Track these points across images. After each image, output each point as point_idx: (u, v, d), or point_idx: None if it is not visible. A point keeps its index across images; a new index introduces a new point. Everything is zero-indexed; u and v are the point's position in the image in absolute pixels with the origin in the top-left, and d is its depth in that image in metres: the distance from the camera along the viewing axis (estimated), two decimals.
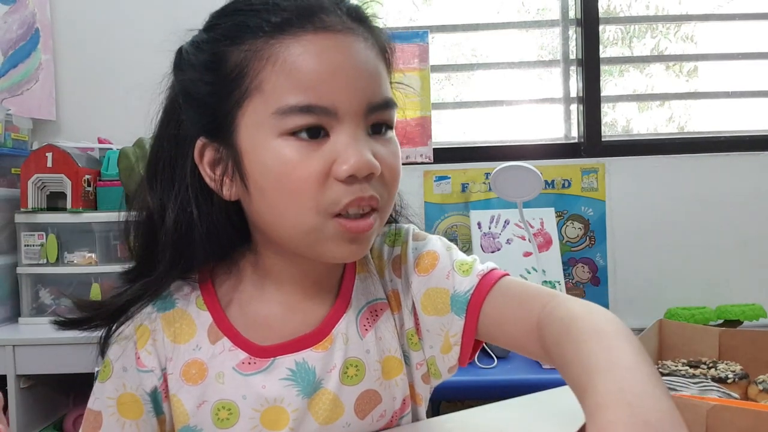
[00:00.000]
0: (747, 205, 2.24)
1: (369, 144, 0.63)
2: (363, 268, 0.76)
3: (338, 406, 0.70)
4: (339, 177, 0.60)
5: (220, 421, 0.68)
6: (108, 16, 2.21)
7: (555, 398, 0.81)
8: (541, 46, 2.50)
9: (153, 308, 0.71)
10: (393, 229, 0.78)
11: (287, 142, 0.61)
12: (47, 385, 1.77)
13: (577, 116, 2.36)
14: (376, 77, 0.64)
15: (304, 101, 0.60)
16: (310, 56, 0.60)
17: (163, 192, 0.68)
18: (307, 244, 0.64)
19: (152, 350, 0.69)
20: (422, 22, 2.42)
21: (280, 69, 0.60)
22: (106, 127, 2.12)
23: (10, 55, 2.06)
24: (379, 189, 0.64)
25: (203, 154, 0.66)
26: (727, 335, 0.88)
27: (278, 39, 0.61)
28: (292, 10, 0.62)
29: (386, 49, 0.68)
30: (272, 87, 0.61)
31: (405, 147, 2.26)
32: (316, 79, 0.60)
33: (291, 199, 0.61)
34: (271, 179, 0.62)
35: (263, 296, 0.72)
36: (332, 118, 0.61)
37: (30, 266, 1.82)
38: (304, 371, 0.69)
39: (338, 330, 0.71)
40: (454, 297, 0.72)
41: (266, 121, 0.61)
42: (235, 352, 0.69)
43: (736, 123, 2.40)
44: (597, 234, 2.24)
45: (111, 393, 0.69)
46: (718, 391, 0.73)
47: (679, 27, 2.51)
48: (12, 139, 1.95)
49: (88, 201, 1.82)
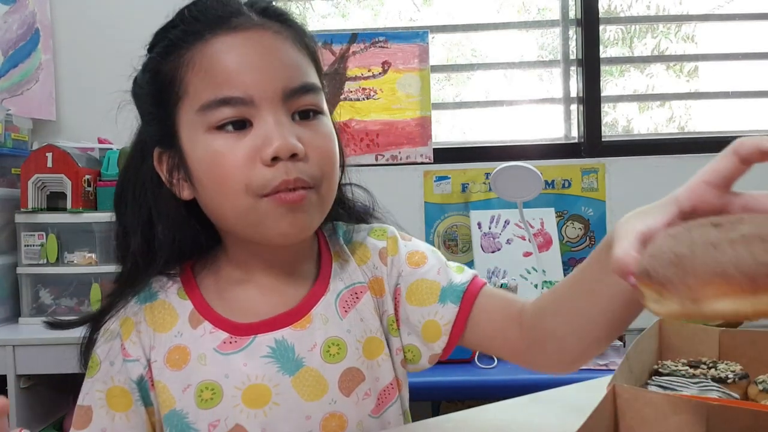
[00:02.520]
0: None
1: (293, 128, 0.67)
2: (339, 257, 0.80)
3: (321, 383, 0.73)
4: (264, 160, 0.65)
5: (204, 401, 0.71)
6: (108, 16, 2.22)
7: (555, 398, 0.81)
8: (542, 46, 2.50)
9: (136, 302, 0.75)
10: (377, 227, 0.84)
11: (215, 135, 0.67)
12: (47, 385, 1.77)
13: (578, 116, 2.36)
14: (290, 65, 0.69)
15: (220, 95, 0.66)
16: (221, 54, 0.67)
17: (133, 200, 0.75)
18: (250, 226, 0.69)
19: (137, 340, 0.73)
20: (422, 22, 2.42)
21: (198, 70, 0.67)
22: (106, 127, 2.10)
23: (10, 55, 2.06)
24: (309, 170, 0.68)
25: (161, 161, 0.73)
26: (727, 335, 0.87)
27: (196, 46, 0.68)
28: (205, 20, 0.69)
29: (305, 40, 0.73)
30: (194, 88, 0.68)
31: (405, 147, 2.26)
32: (228, 74, 0.66)
33: (224, 186, 0.67)
34: (206, 171, 0.68)
35: (240, 283, 0.76)
36: (251, 108, 0.66)
37: (30, 266, 1.82)
38: (283, 348, 0.72)
39: (317, 311, 0.75)
40: (448, 288, 0.78)
41: (194, 119, 0.68)
42: (216, 334, 0.72)
43: (736, 123, 2.40)
44: (597, 234, 2.24)
45: (100, 387, 0.72)
46: (718, 391, 0.73)
47: (679, 27, 2.51)
48: (12, 139, 1.95)
49: (88, 201, 1.82)
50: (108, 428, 0.71)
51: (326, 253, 0.80)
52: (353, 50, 2.27)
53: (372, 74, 2.27)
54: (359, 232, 0.83)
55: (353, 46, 2.27)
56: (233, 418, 0.70)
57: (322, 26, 2.43)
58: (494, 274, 2.06)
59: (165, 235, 0.73)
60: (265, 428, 0.71)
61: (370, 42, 2.27)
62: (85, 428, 0.72)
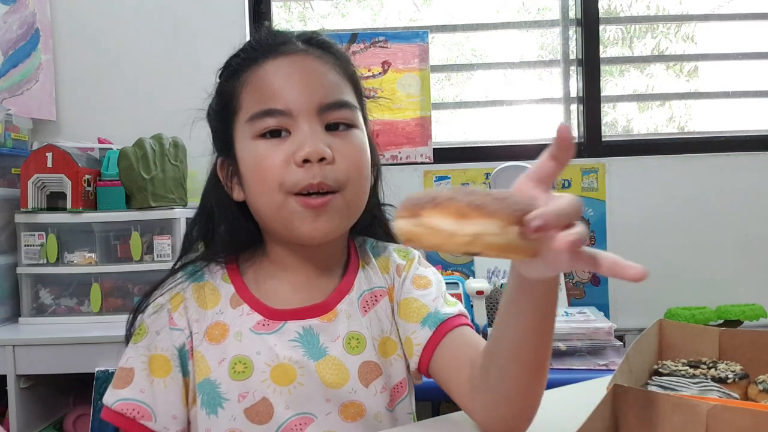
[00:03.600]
0: (747, 205, 2.24)
1: (325, 137, 0.78)
2: (365, 264, 0.90)
3: (343, 372, 0.81)
4: (296, 161, 0.76)
5: (236, 373, 0.79)
6: (108, 16, 2.21)
7: (555, 399, 0.81)
8: (542, 46, 2.50)
9: (187, 281, 0.86)
10: (403, 248, 0.94)
11: (259, 142, 0.79)
12: (47, 385, 1.77)
13: (578, 116, 2.36)
14: (326, 84, 0.80)
15: (264, 107, 0.78)
16: (268, 75, 0.80)
17: (204, 203, 0.90)
18: (281, 222, 0.79)
19: (183, 313, 0.83)
20: (422, 22, 2.42)
21: (250, 89, 0.81)
22: (106, 127, 2.12)
23: (10, 55, 2.06)
24: (335, 174, 0.78)
25: (223, 168, 0.86)
26: (727, 335, 0.87)
27: (251, 69, 0.82)
28: (259, 48, 0.83)
29: (344, 63, 0.85)
30: (246, 103, 0.81)
31: (405, 147, 2.26)
32: (272, 90, 0.79)
33: (262, 182, 0.78)
34: (251, 171, 0.80)
35: (275, 277, 0.86)
36: (289, 119, 0.78)
37: (30, 266, 1.81)
38: (309, 336, 0.82)
39: (341, 307, 0.84)
40: (433, 315, 0.84)
41: (244, 129, 0.80)
42: (252, 315, 0.82)
43: (736, 123, 2.40)
44: (597, 234, 2.24)
45: (144, 352, 0.81)
46: (718, 392, 0.73)
47: (679, 27, 2.52)
48: (12, 139, 1.94)
49: (88, 201, 1.81)
50: (146, 390, 0.79)
51: (354, 259, 0.90)
52: (353, 50, 2.27)
53: (372, 74, 2.27)
54: (386, 248, 0.93)
55: (353, 46, 2.27)
56: (261, 392, 0.79)
57: (322, 26, 2.43)
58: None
59: (221, 230, 0.87)
60: (288, 405, 0.79)
61: (370, 42, 2.27)
62: (125, 388, 0.79)
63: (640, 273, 0.49)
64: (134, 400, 0.78)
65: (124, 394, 0.79)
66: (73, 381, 1.76)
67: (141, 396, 0.78)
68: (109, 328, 1.67)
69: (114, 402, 0.78)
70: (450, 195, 0.49)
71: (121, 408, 0.78)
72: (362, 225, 0.90)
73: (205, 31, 2.16)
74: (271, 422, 0.78)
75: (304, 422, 0.79)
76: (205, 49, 2.14)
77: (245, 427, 0.78)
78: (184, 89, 0.92)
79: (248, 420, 0.78)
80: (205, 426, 0.79)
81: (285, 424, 0.78)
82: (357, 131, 0.82)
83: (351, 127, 0.81)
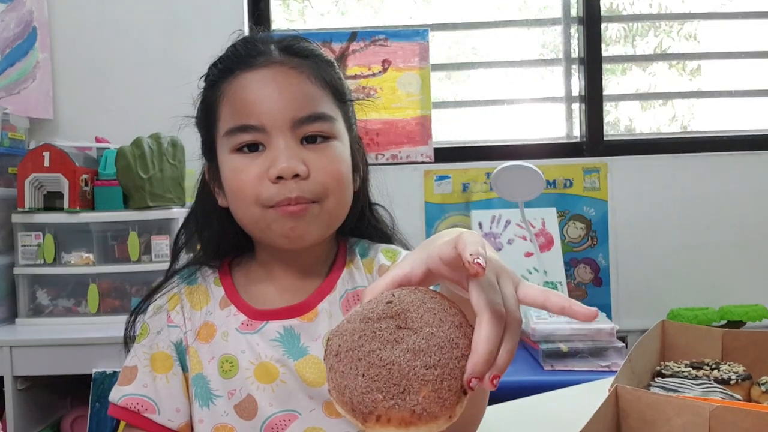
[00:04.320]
0: (751, 204, 2.23)
1: (300, 152, 0.79)
2: (351, 265, 0.91)
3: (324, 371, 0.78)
4: (270, 178, 0.78)
5: (224, 372, 0.83)
6: (106, 15, 2.21)
7: (557, 400, 0.80)
8: (543, 45, 2.49)
9: (182, 283, 0.90)
10: (392, 248, 0.93)
11: (235, 156, 0.81)
12: (45, 387, 1.77)
13: (579, 115, 2.35)
14: (301, 97, 0.80)
15: (239, 122, 0.80)
16: (242, 89, 0.81)
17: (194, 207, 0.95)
18: (261, 230, 0.82)
19: (179, 311, 0.87)
20: (422, 20, 2.41)
21: (226, 102, 0.82)
22: (103, 126, 2.11)
23: (7, 54, 2.06)
24: (311, 187, 0.79)
25: (210, 173, 0.89)
26: (730, 336, 0.87)
27: (228, 80, 0.83)
28: (235, 59, 0.83)
29: (324, 70, 0.84)
30: (223, 115, 0.83)
31: (405, 146, 2.25)
32: (246, 105, 0.80)
33: (240, 196, 0.81)
34: (230, 183, 0.82)
35: (263, 280, 0.89)
36: (263, 134, 0.79)
37: (27, 266, 1.81)
38: (290, 336, 0.84)
39: (323, 306, 0.86)
40: None
41: (223, 141, 0.82)
42: (238, 316, 0.86)
43: (739, 122, 2.39)
44: (599, 234, 2.23)
45: (146, 350, 0.85)
46: (720, 393, 0.73)
47: (682, 25, 2.50)
48: (9, 139, 1.94)
49: (85, 201, 1.81)
50: (149, 385, 0.83)
51: (341, 260, 0.91)
52: (353, 48, 2.26)
53: (372, 73, 2.27)
54: (375, 250, 0.93)
55: (353, 45, 2.26)
56: (246, 389, 0.82)
57: (322, 24, 2.42)
58: None
59: (207, 236, 0.92)
60: (272, 402, 0.81)
61: (370, 40, 2.27)
62: (129, 385, 0.84)
63: (591, 315, 0.51)
64: (138, 395, 0.83)
65: (129, 390, 0.83)
66: (71, 382, 1.76)
67: (144, 391, 0.83)
68: (107, 329, 1.67)
69: (119, 398, 0.83)
70: (390, 404, 0.45)
71: (126, 403, 0.83)
72: (353, 226, 0.92)
73: (204, 29, 2.15)
74: (257, 418, 0.81)
75: (289, 419, 0.82)
76: (203, 47, 2.11)
77: (235, 422, 0.82)
78: (182, 88, 0.91)
79: (238, 416, 0.82)
80: (198, 417, 0.83)
81: (269, 419, 0.82)
82: (335, 142, 0.82)
83: (328, 139, 0.82)
